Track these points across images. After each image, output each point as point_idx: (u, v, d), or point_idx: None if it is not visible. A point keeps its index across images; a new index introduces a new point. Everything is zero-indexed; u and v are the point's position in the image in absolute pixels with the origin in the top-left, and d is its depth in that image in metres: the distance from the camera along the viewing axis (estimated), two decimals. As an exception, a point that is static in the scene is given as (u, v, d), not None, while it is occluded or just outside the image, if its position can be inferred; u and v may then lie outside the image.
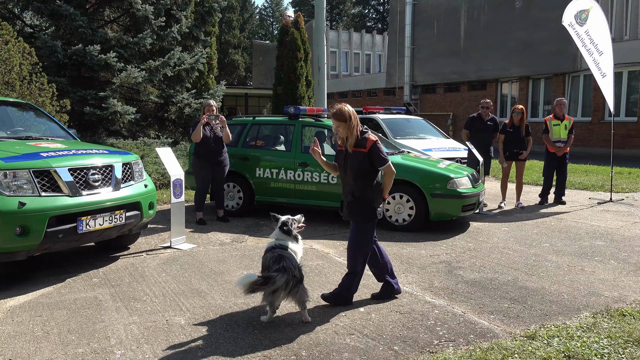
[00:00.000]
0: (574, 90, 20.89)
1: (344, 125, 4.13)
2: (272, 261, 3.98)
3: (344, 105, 4.20)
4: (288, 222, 4.25)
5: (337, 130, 4.19)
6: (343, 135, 4.20)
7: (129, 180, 5.57)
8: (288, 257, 3.99)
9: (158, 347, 3.58)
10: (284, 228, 4.23)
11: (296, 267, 3.95)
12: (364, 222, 4.27)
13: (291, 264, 3.93)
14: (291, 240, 4.22)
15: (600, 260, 5.72)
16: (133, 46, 11.28)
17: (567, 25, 9.32)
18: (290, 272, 3.87)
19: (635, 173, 12.90)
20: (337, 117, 4.13)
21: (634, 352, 3.44)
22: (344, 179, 4.35)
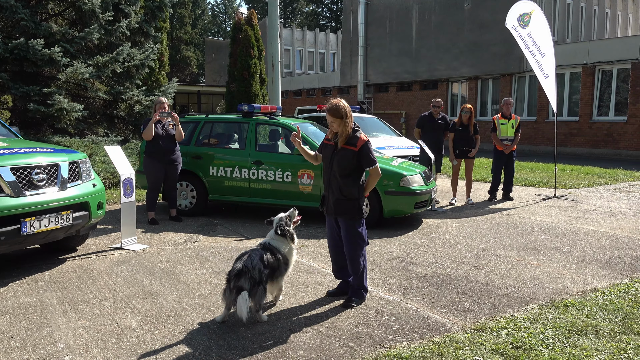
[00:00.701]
0: (520, 90, 21.67)
1: (339, 121, 4.11)
2: (236, 259, 3.99)
3: (339, 100, 4.15)
4: (283, 224, 4.22)
5: (332, 126, 4.16)
6: (337, 130, 4.17)
7: (76, 179, 5.38)
8: (251, 257, 3.93)
9: (109, 351, 3.47)
10: (280, 231, 4.20)
11: (256, 268, 3.89)
12: (355, 219, 4.27)
13: (251, 264, 3.88)
14: (285, 243, 4.20)
15: (545, 254, 5.96)
16: (79, 41, 10.87)
17: (510, 27, 9.62)
18: (248, 274, 3.83)
19: (577, 170, 13.52)
20: (333, 113, 4.10)
21: (577, 341, 3.61)
22: (328, 174, 4.30)
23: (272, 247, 4.16)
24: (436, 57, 24.31)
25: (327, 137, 4.37)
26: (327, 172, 4.32)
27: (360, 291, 4.41)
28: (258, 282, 3.88)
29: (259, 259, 3.97)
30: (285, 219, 4.28)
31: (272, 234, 4.27)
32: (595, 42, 19.64)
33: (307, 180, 7.29)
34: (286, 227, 4.23)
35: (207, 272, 5.22)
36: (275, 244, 4.19)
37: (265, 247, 4.14)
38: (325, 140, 4.40)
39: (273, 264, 4.08)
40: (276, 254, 4.13)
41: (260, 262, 3.95)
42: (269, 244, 4.19)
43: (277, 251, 4.15)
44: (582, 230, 7.11)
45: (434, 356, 3.38)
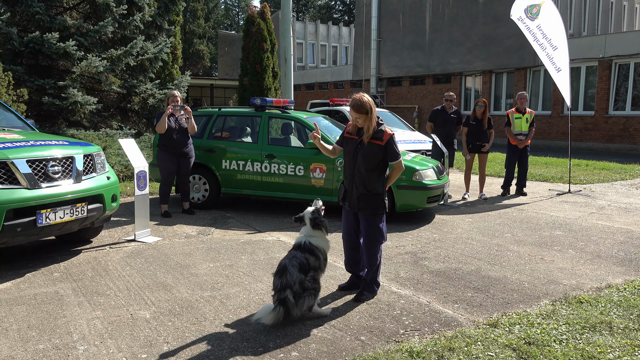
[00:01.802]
0: (534, 84, 21.43)
1: (364, 117, 4.04)
2: (276, 274, 3.86)
3: (362, 95, 4.07)
4: (317, 215, 4.10)
5: (356, 122, 4.09)
6: (361, 126, 4.10)
7: (90, 172, 5.43)
8: (290, 270, 3.80)
9: (122, 342, 3.52)
10: (316, 222, 4.07)
11: (296, 282, 3.77)
12: (377, 214, 4.24)
13: (291, 279, 3.77)
14: (320, 235, 4.09)
15: (559, 249, 5.90)
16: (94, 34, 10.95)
17: (516, 19, 9.43)
18: (290, 293, 3.73)
19: (593, 165, 13.36)
20: (357, 109, 4.03)
21: (591, 338, 3.58)
22: (351, 168, 4.22)
23: (312, 246, 4.00)
24: (449, 50, 24.11)
25: (347, 130, 4.28)
26: (351, 166, 4.24)
27: (373, 286, 4.41)
28: (303, 292, 3.80)
29: (298, 269, 3.83)
30: (316, 211, 4.15)
31: (308, 230, 4.09)
32: (612, 35, 19.33)
33: (319, 174, 7.29)
34: (321, 219, 4.12)
35: (219, 264, 5.25)
36: (315, 242, 4.03)
37: (304, 248, 3.98)
38: (346, 133, 4.30)
39: (314, 265, 3.97)
40: (316, 253, 4.00)
41: (300, 274, 3.82)
42: (308, 244, 4.00)
43: (317, 249, 4.02)
44: (596, 226, 7.04)
45: (445, 351, 3.38)
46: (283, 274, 3.81)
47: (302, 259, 3.90)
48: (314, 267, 3.96)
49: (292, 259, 3.90)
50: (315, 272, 3.97)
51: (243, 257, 5.51)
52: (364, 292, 4.35)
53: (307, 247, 3.99)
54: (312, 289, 3.86)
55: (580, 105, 19.66)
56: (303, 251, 3.96)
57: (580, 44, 19.07)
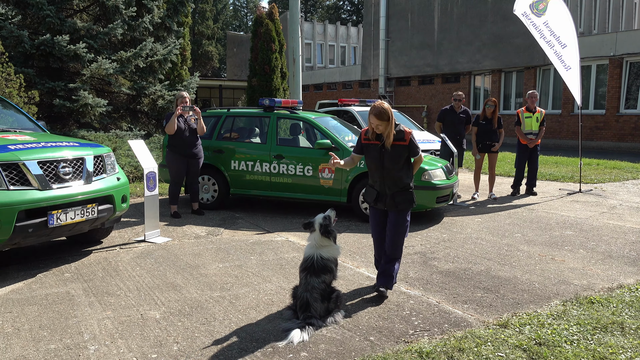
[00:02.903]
0: (544, 83, 21.29)
1: (385, 123, 4.15)
2: (300, 308, 3.85)
3: (381, 102, 4.18)
4: (327, 223, 4.12)
5: (377, 129, 4.19)
6: (381, 132, 4.20)
7: (100, 173, 5.47)
8: (314, 306, 3.80)
9: (133, 342, 3.54)
10: (326, 229, 4.08)
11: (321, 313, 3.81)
12: (409, 209, 4.39)
13: (316, 313, 3.78)
14: (331, 244, 4.11)
15: (569, 249, 5.86)
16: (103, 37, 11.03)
17: (520, 14, 9.21)
18: (316, 320, 3.75)
19: (604, 164, 13.24)
20: (379, 117, 4.12)
21: (602, 338, 3.55)
22: (379, 173, 4.34)
23: (324, 262, 3.97)
24: (458, 49, 24.01)
25: (365, 137, 4.36)
26: (379, 171, 4.34)
27: (393, 280, 4.43)
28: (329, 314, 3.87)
29: (321, 300, 3.85)
30: (327, 218, 4.16)
31: (317, 238, 4.07)
32: (623, 33, 19.15)
33: (327, 174, 7.29)
34: (331, 227, 4.14)
35: (228, 265, 5.27)
36: (325, 254, 4.02)
37: (318, 269, 3.93)
38: (364, 140, 4.37)
39: (331, 280, 4.01)
40: (330, 266, 4.00)
41: (323, 303, 3.86)
42: (319, 259, 3.96)
43: (329, 262, 4.02)
44: (608, 225, 6.97)
45: (455, 351, 3.36)
46: (307, 309, 3.81)
47: (321, 287, 3.89)
48: (330, 284, 4.01)
49: (312, 290, 3.86)
50: (332, 283, 4.03)
51: (252, 258, 5.52)
52: (385, 285, 4.35)
53: (320, 267, 3.96)
54: (337, 307, 3.93)
55: (590, 103, 19.50)
56: (318, 274, 3.93)
57: (590, 42, 18.92)
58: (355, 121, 10.96)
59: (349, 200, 7.27)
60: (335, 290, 4.05)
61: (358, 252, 5.76)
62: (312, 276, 3.93)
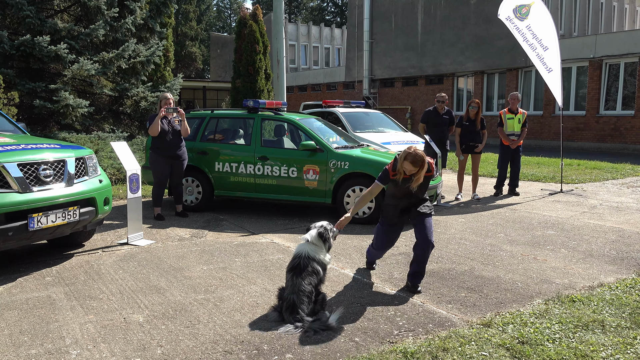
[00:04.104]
0: (526, 84, 21.55)
1: (418, 168, 4.35)
2: (286, 310, 3.84)
3: (415, 149, 4.34)
4: (327, 231, 4.16)
5: (410, 172, 4.37)
6: (411, 173, 4.39)
7: (82, 175, 5.40)
8: (301, 307, 3.79)
9: (116, 346, 3.50)
10: (323, 236, 4.13)
11: (309, 314, 3.80)
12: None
13: (304, 315, 3.78)
14: (323, 251, 4.14)
15: (551, 249, 5.94)
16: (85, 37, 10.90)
17: (504, 19, 9.44)
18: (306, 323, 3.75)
19: (584, 165, 13.44)
20: (415, 164, 4.30)
21: (583, 336, 3.60)
22: (406, 199, 4.58)
23: (309, 260, 3.99)
24: (442, 51, 24.20)
25: (393, 172, 4.50)
26: (405, 198, 4.58)
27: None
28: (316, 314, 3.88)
29: (307, 302, 3.85)
30: (329, 230, 4.19)
31: (313, 237, 4.11)
32: (602, 36, 19.48)
33: (312, 175, 7.29)
34: (328, 236, 4.17)
35: (213, 267, 5.24)
36: (312, 254, 4.03)
37: (303, 268, 3.95)
38: (392, 176, 4.51)
39: (319, 280, 4.03)
40: (316, 267, 4.00)
41: (309, 305, 3.86)
42: (306, 258, 4.00)
43: (315, 262, 4.02)
44: (588, 225, 7.08)
45: (439, 351, 3.38)
46: (293, 311, 3.82)
47: (307, 289, 3.89)
48: (316, 286, 4.00)
49: (298, 293, 3.86)
50: (318, 287, 4.03)
51: (237, 260, 5.50)
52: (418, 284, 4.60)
53: (305, 266, 3.96)
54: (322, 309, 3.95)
55: (571, 105, 19.79)
56: (304, 276, 3.92)
57: (571, 44, 19.21)
58: (339, 122, 10.98)
59: (334, 202, 7.28)
60: (321, 293, 4.05)
61: (343, 253, 5.76)
62: (298, 277, 3.93)
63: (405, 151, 4.36)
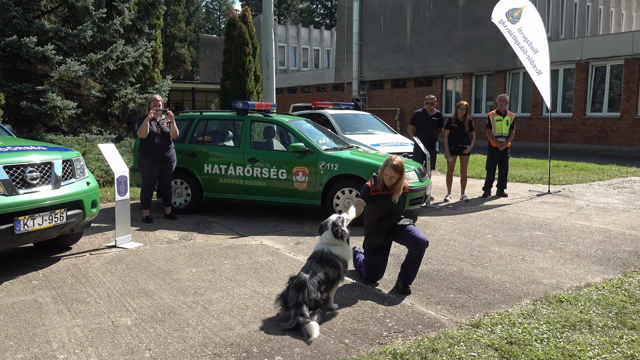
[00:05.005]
0: (514, 86, 21.72)
1: (399, 176, 4.58)
2: (294, 287, 3.87)
3: (395, 157, 4.59)
4: (339, 224, 4.18)
5: (391, 180, 4.57)
6: (392, 183, 4.58)
7: (70, 177, 5.35)
8: (310, 288, 3.82)
9: (103, 350, 3.47)
10: (337, 231, 4.14)
11: (312, 300, 3.81)
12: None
13: (307, 297, 3.79)
14: (342, 245, 4.17)
15: (539, 249, 5.98)
16: (72, 38, 10.81)
17: (497, 22, 9.57)
18: (306, 309, 3.75)
19: (571, 166, 13.57)
20: (397, 170, 4.54)
21: (571, 336, 3.63)
22: (387, 218, 4.71)
23: (332, 256, 4.06)
24: (430, 53, 24.33)
25: (374, 188, 4.64)
26: (386, 217, 4.71)
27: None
28: (316, 304, 3.86)
29: (317, 287, 3.87)
30: (339, 221, 4.22)
31: (329, 237, 4.15)
32: (588, 39, 19.70)
33: (301, 177, 7.29)
34: (342, 228, 4.19)
35: (202, 269, 5.21)
36: (335, 251, 4.10)
37: (325, 260, 4.03)
38: (373, 192, 4.64)
39: (333, 277, 4.05)
40: (337, 263, 4.06)
41: (317, 293, 3.86)
42: (328, 253, 4.08)
43: (338, 259, 4.08)
44: (575, 226, 7.14)
45: (429, 352, 3.39)
46: (301, 289, 3.84)
47: (321, 276, 3.95)
48: (332, 280, 4.04)
49: (312, 275, 3.93)
50: (333, 284, 4.07)
51: (226, 262, 5.48)
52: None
53: (327, 259, 4.05)
54: (322, 308, 3.94)
55: (558, 107, 19.98)
56: (323, 264, 4.02)
57: (558, 46, 19.39)
58: (329, 124, 10.98)
59: (324, 203, 7.28)
60: (329, 292, 4.05)
61: (332, 255, 5.76)
62: (318, 264, 4.02)
63: (385, 160, 4.60)
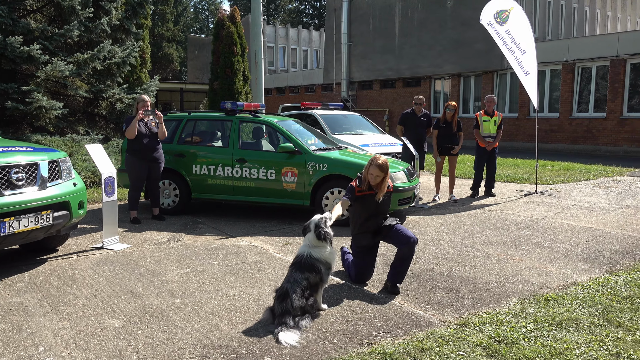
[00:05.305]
0: (501, 87, 21.88)
1: (383, 175, 4.59)
2: (277, 298, 3.87)
3: (380, 156, 4.63)
4: (322, 225, 4.17)
5: (376, 179, 4.59)
6: (377, 182, 4.60)
7: (56, 178, 5.30)
8: (292, 297, 3.79)
9: (90, 352, 3.44)
10: (320, 233, 4.13)
11: (297, 308, 3.78)
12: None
13: (291, 306, 3.77)
14: (326, 247, 4.16)
15: (526, 249, 6.03)
16: (59, 38, 10.70)
17: (485, 23, 9.68)
18: (290, 318, 3.72)
19: (558, 166, 13.70)
20: (382, 169, 4.56)
21: (558, 334, 3.66)
22: (374, 218, 4.75)
23: (312, 260, 4.03)
24: (419, 54, 24.42)
25: (359, 188, 4.66)
26: (373, 217, 4.75)
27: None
28: (303, 315, 3.84)
29: (300, 295, 3.85)
30: (322, 222, 4.20)
31: (312, 239, 4.14)
32: (575, 40, 19.91)
33: (290, 177, 7.28)
34: (325, 229, 4.18)
35: (190, 271, 5.19)
36: (316, 254, 4.07)
37: (304, 266, 4.01)
38: (358, 192, 4.65)
39: (315, 281, 4.02)
40: (317, 267, 4.03)
41: (301, 300, 3.84)
42: (308, 257, 4.05)
43: (318, 262, 4.05)
44: (562, 225, 7.21)
45: (417, 352, 3.41)
46: (284, 299, 3.83)
47: (303, 283, 3.93)
48: (314, 284, 4.02)
49: (293, 283, 3.91)
50: (317, 287, 4.05)
51: (214, 263, 5.45)
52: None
53: (307, 264, 4.03)
54: (310, 313, 3.93)
55: (545, 107, 20.16)
56: (303, 270, 3.99)
57: (544, 47, 19.56)
58: (318, 124, 10.98)
59: (313, 204, 7.27)
60: (315, 296, 4.04)
61: (321, 255, 5.76)
62: (297, 272, 4.00)
63: (370, 160, 4.63)
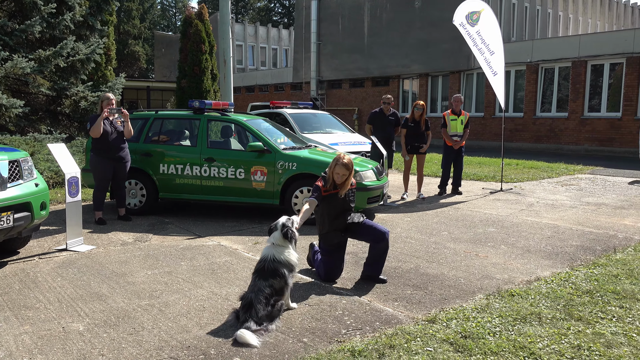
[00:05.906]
0: (468, 87, 22.26)
1: (349, 173, 4.70)
2: (242, 308, 3.81)
3: (344, 155, 4.74)
4: (289, 225, 4.17)
5: (342, 177, 4.69)
6: (342, 180, 4.70)
7: (17, 179, 5.15)
8: (257, 307, 3.74)
9: (54, 357, 3.35)
10: (287, 232, 4.12)
11: (262, 317, 3.73)
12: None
13: (256, 315, 3.71)
14: (289, 248, 4.12)
15: (492, 245, 6.16)
16: (19, 34, 10.39)
17: (458, 24, 9.88)
18: (254, 324, 3.68)
19: (522, 164, 14.03)
20: (347, 168, 4.67)
21: (522, 329, 3.75)
22: (343, 215, 4.85)
23: (274, 264, 3.97)
24: (388, 54, 24.63)
25: (324, 187, 4.71)
26: (341, 215, 4.84)
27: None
28: (271, 321, 3.80)
29: (265, 304, 3.79)
30: (289, 222, 4.19)
31: (277, 237, 4.11)
32: (538, 41, 20.41)
33: (260, 176, 7.24)
34: (292, 229, 4.17)
35: (157, 272, 5.11)
36: (279, 257, 4.01)
37: (267, 272, 3.94)
38: (324, 192, 4.71)
39: (279, 286, 3.95)
40: (280, 271, 3.96)
41: (266, 308, 3.79)
42: (271, 261, 3.98)
43: (281, 265, 3.99)
44: (526, 222, 7.39)
45: (386, 349, 3.44)
46: (249, 309, 3.78)
47: (267, 291, 3.86)
48: (280, 289, 3.95)
49: (257, 292, 3.84)
50: (282, 292, 3.98)
51: (182, 263, 5.39)
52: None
53: (270, 270, 3.95)
54: (278, 316, 3.89)
55: (510, 107, 20.61)
56: (266, 277, 3.92)
57: (509, 48, 19.94)
58: (287, 123, 10.96)
59: (282, 203, 7.26)
60: (281, 300, 3.98)
61: (291, 254, 5.75)
62: (261, 279, 3.93)
63: (334, 159, 4.69)
